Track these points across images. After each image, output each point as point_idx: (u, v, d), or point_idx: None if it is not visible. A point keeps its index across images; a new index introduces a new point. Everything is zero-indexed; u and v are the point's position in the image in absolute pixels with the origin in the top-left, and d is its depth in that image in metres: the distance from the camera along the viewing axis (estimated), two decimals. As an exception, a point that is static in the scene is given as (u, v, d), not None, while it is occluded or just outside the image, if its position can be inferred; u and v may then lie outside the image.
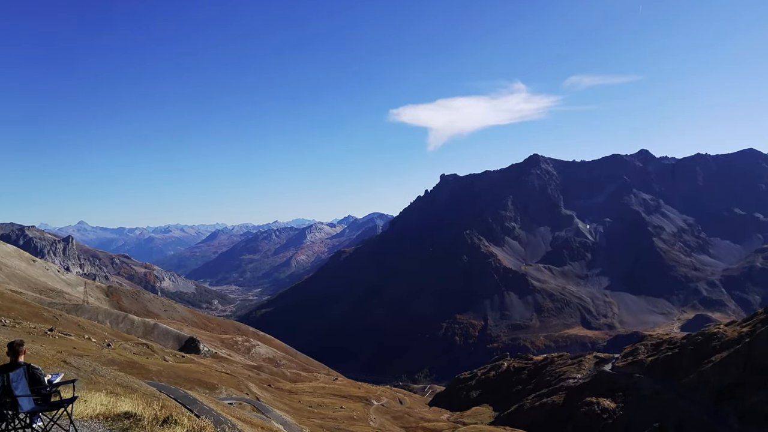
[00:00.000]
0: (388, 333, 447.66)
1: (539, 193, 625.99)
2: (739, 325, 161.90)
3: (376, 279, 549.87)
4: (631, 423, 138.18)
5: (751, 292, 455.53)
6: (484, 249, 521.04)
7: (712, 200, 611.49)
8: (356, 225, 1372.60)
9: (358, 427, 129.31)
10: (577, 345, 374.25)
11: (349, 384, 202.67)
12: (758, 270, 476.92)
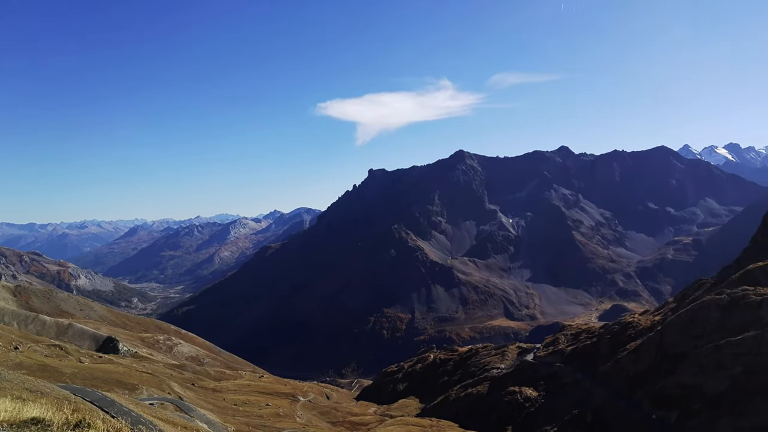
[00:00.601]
0: (316, 328, 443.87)
1: (465, 189, 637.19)
2: (651, 314, 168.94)
3: (303, 274, 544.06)
4: (553, 410, 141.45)
5: (662, 282, 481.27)
6: (411, 243, 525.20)
7: (627, 195, 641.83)
8: (282, 220, 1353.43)
9: (285, 423, 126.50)
10: (500, 336, 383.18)
11: (275, 381, 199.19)
12: (669, 261, 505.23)
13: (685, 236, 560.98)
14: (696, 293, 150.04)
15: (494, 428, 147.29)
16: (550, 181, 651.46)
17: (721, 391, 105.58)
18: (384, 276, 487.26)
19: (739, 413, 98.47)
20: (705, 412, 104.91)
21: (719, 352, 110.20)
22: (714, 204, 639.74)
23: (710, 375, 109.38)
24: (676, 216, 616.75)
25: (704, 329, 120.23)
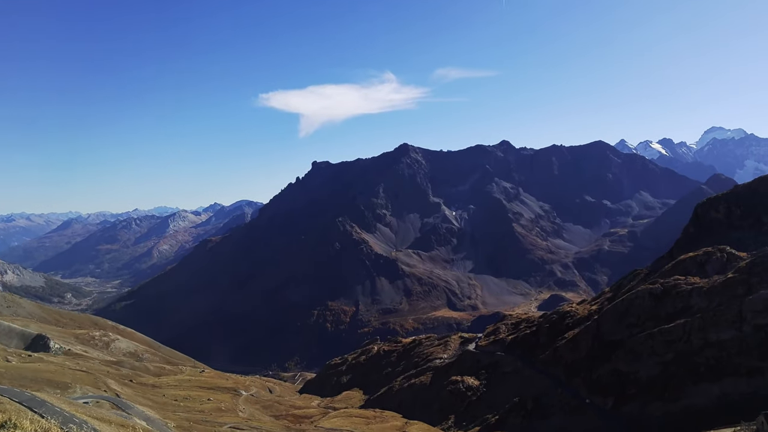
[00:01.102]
0: (258, 322, 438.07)
1: (409, 182, 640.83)
2: (588, 303, 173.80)
3: (245, 268, 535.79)
4: (494, 399, 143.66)
5: (599, 272, 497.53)
6: (356, 236, 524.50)
7: (566, 188, 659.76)
8: (223, 213, 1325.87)
9: (227, 418, 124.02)
10: (443, 326, 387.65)
11: (217, 376, 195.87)
12: (606, 252, 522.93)
13: (620, 228, 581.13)
14: (631, 283, 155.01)
15: (437, 418, 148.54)
16: (491, 175, 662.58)
17: (653, 376, 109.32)
18: (328, 269, 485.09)
19: (669, 398, 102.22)
20: (639, 397, 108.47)
21: (652, 339, 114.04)
22: (648, 197, 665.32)
23: (644, 361, 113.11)
24: (613, 208, 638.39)
25: (638, 318, 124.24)
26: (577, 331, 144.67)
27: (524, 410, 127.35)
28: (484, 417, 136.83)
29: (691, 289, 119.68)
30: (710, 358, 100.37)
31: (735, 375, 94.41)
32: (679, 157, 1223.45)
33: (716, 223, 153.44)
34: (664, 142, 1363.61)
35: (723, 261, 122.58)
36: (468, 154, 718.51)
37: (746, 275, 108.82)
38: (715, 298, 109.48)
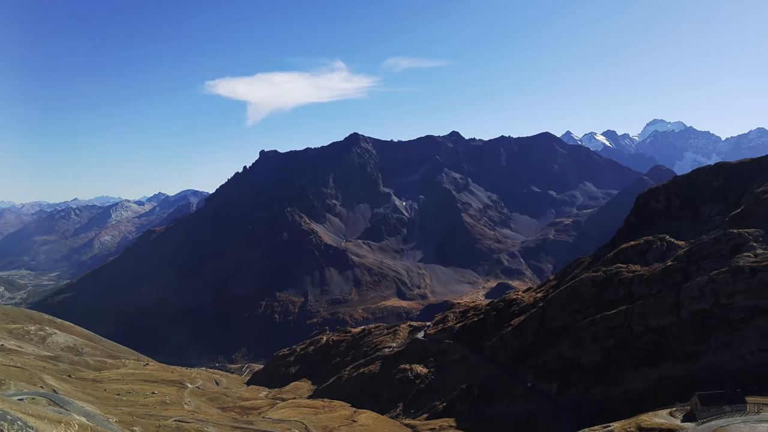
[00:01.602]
0: (204, 314, 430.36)
1: (359, 171, 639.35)
2: (534, 291, 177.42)
3: (191, 259, 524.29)
4: (442, 386, 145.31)
5: (544, 261, 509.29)
6: (305, 226, 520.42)
7: (513, 179, 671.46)
8: (168, 203, 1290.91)
9: (172, 411, 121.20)
10: (393, 315, 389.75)
11: (162, 368, 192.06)
12: (551, 241, 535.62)
13: (565, 218, 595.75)
14: (575, 271, 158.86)
15: (386, 406, 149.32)
16: (441, 165, 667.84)
17: (596, 362, 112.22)
18: (276, 260, 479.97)
19: (611, 382, 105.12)
20: (582, 382, 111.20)
21: (595, 326, 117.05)
22: (592, 187, 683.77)
23: (587, 347, 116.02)
24: (558, 199, 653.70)
25: (582, 305, 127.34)
26: (523, 318, 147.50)
27: (471, 397, 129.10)
28: (432, 404, 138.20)
29: (632, 276, 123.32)
30: (650, 343, 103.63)
31: (672, 359, 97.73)
32: (622, 148, 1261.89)
33: (656, 212, 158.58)
34: (608, 134, 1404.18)
35: (663, 249, 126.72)
36: (418, 145, 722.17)
37: (684, 263, 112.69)
38: (654, 286, 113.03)
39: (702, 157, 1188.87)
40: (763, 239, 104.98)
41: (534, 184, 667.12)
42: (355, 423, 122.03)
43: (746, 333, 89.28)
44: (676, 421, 75.28)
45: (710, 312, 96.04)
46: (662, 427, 73.19)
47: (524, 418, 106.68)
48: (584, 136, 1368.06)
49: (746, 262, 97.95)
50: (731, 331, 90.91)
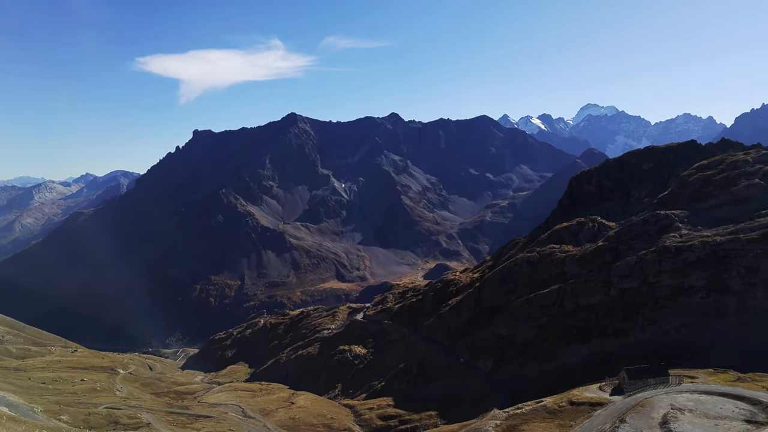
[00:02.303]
0: (137, 298, 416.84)
1: (297, 152, 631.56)
2: (471, 271, 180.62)
3: (122, 242, 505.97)
4: (381, 366, 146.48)
5: (481, 242, 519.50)
6: (241, 208, 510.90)
7: (452, 161, 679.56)
8: (96, 184, 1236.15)
9: (103, 398, 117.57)
10: (332, 298, 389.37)
11: (91, 355, 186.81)
12: (488, 223, 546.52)
13: (502, 200, 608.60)
14: (510, 252, 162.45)
15: (325, 387, 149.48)
16: (381, 147, 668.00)
17: (530, 339, 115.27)
18: (211, 242, 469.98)
19: (544, 358, 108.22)
20: (516, 359, 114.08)
21: (529, 304, 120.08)
22: (528, 170, 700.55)
23: (521, 325, 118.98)
24: (495, 181, 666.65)
25: (517, 284, 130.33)
26: (460, 298, 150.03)
27: (409, 375, 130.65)
28: (371, 384, 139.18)
29: (565, 256, 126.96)
30: (581, 320, 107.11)
31: (602, 336, 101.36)
32: (557, 132, 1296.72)
33: (589, 195, 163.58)
34: (544, 117, 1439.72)
35: (594, 230, 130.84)
36: (357, 126, 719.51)
37: (614, 243, 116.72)
38: (586, 265, 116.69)
39: (633, 140, 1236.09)
40: (688, 220, 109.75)
41: (472, 167, 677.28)
42: (293, 405, 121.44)
43: (671, 310, 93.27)
44: (605, 395, 78.17)
45: (638, 290, 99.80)
46: (592, 400, 75.83)
47: (461, 394, 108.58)
48: (521, 120, 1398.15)
49: (672, 242, 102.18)
50: (657, 309, 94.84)
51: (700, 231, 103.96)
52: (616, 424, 63.89)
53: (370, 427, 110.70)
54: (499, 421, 78.13)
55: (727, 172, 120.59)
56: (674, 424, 60.42)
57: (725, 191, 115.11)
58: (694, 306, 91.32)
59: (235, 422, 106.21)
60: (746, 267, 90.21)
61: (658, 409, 65.35)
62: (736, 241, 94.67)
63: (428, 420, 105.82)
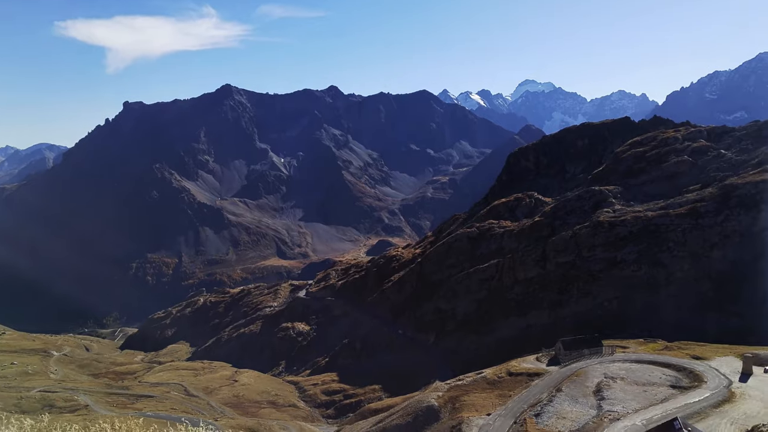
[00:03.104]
0: (69, 278, 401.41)
1: (233, 126, 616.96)
2: (413, 247, 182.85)
3: (51, 219, 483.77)
4: (325, 342, 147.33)
5: (423, 218, 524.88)
6: (176, 183, 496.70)
7: (392, 136, 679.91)
8: (18, 157, 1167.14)
9: (36, 381, 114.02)
10: (273, 275, 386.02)
11: (21, 337, 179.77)
12: (429, 199, 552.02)
13: (442, 176, 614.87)
14: (451, 227, 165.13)
15: (268, 364, 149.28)
16: (320, 121, 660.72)
17: (470, 312, 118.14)
18: (146, 219, 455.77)
19: (484, 331, 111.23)
20: (457, 332, 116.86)
21: (469, 279, 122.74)
22: (467, 146, 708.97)
23: (461, 299, 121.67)
24: (435, 157, 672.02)
25: (457, 259, 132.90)
26: (402, 273, 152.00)
27: (353, 351, 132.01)
28: (315, 360, 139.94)
29: (503, 232, 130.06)
30: (519, 294, 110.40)
31: (539, 308, 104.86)
32: (495, 108, 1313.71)
33: (526, 171, 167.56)
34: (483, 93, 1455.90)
35: (531, 206, 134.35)
36: (295, 99, 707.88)
37: (550, 219, 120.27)
38: (523, 240, 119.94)
39: (569, 117, 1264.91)
40: (622, 196, 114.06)
41: (413, 142, 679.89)
42: (236, 383, 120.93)
43: (604, 282, 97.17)
44: (542, 365, 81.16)
45: (573, 264, 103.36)
46: (530, 371, 78.61)
47: (404, 368, 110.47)
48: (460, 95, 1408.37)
49: (605, 217, 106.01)
50: (591, 281, 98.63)
51: (633, 206, 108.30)
52: (553, 393, 66.55)
53: (315, 403, 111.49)
54: (441, 393, 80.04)
55: (658, 149, 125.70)
56: (607, 392, 63.45)
57: (656, 167, 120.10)
58: (626, 279, 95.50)
59: (178, 401, 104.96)
60: (675, 241, 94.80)
61: (592, 378, 68.41)
62: (666, 216, 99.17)
63: (372, 394, 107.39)
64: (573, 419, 58.75)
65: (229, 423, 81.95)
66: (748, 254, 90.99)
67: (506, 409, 67.21)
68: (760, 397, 54.60)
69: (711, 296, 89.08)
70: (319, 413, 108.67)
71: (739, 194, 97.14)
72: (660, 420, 50.89)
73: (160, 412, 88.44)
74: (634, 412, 56.83)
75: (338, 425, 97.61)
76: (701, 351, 74.58)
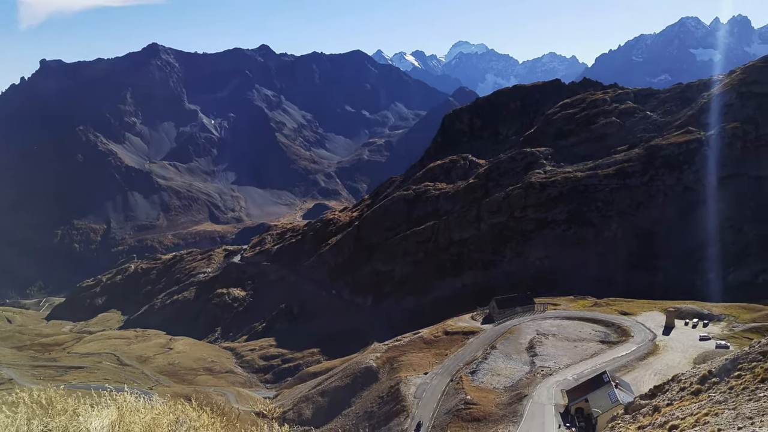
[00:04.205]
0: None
1: (161, 86, 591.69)
2: (350, 210, 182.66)
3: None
4: (261, 307, 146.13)
5: (359, 181, 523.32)
6: (102, 147, 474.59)
7: (327, 98, 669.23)
8: None
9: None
10: (207, 240, 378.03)
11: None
12: (365, 161, 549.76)
13: (378, 138, 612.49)
14: (387, 190, 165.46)
15: (203, 331, 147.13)
16: (251, 81, 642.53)
17: (407, 274, 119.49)
18: (70, 184, 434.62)
19: (420, 292, 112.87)
20: (394, 294, 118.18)
21: (406, 241, 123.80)
22: (403, 108, 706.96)
23: (399, 261, 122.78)
24: (371, 119, 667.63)
25: (394, 221, 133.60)
26: (339, 237, 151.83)
27: (291, 315, 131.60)
28: (252, 326, 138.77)
29: (439, 194, 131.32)
30: (454, 255, 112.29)
31: (474, 268, 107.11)
32: (430, 69, 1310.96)
33: (461, 133, 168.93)
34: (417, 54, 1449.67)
35: (466, 168, 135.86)
36: (226, 58, 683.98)
37: (484, 180, 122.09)
38: (458, 202, 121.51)
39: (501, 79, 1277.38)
40: (552, 157, 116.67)
41: (347, 104, 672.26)
42: (171, 350, 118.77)
43: (535, 242, 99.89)
44: (477, 324, 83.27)
45: (506, 224, 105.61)
46: (465, 330, 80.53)
47: (343, 330, 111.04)
48: (395, 56, 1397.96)
49: (537, 179, 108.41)
50: (523, 241, 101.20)
51: (563, 167, 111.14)
52: (488, 350, 68.49)
53: (253, 368, 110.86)
54: (380, 354, 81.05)
55: (587, 111, 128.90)
56: (539, 348, 65.75)
57: (586, 129, 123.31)
58: (556, 238, 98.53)
59: (110, 371, 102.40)
60: (603, 201, 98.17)
61: (525, 335, 70.72)
62: (595, 176, 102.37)
63: (311, 357, 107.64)
64: (507, 375, 60.75)
65: (164, 391, 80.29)
66: (672, 212, 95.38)
67: (443, 367, 68.81)
68: (681, 349, 57.91)
69: (637, 254, 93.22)
70: (257, 378, 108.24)
71: (664, 155, 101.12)
72: (590, 374, 53.26)
73: (92, 383, 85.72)
74: (565, 367, 59.24)
75: (277, 390, 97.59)
76: (628, 307, 78.25)
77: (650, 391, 44.30)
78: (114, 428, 7.86)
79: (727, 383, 37.21)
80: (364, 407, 65.98)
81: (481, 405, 53.97)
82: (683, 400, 37.94)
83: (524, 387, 55.78)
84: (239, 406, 78.05)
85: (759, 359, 39.12)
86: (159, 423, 8.41)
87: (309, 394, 78.65)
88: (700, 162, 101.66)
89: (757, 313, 71.11)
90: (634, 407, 43.22)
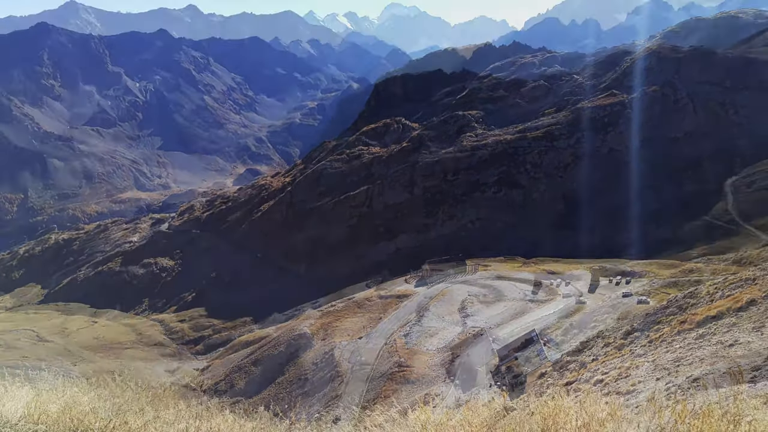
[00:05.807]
0: None
1: (81, 47, 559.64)
2: (282, 176, 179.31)
3: None
4: (191, 277, 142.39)
5: (291, 145, 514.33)
6: (17, 111, 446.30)
7: (257, 60, 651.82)
8: None
9: None
10: (132, 209, 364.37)
11: None
12: (297, 125, 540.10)
13: (310, 101, 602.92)
14: (321, 155, 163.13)
15: (130, 303, 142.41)
16: (178, 43, 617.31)
17: (341, 239, 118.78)
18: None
19: (355, 257, 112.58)
20: (329, 260, 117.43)
21: (340, 206, 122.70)
22: (335, 70, 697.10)
23: (332, 227, 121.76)
24: (303, 81, 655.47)
25: (328, 187, 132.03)
26: (272, 203, 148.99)
27: (222, 283, 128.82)
28: (181, 296, 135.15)
29: (372, 158, 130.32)
30: (388, 219, 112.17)
31: (407, 232, 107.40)
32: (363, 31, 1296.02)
33: (394, 96, 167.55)
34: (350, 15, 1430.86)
35: (399, 131, 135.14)
36: (151, 18, 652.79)
37: (417, 144, 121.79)
38: (392, 166, 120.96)
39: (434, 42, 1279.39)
40: (483, 120, 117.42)
41: (279, 66, 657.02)
42: (96, 324, 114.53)
43: (467, 205, 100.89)
44: (411, 287, 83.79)
45: (439, 188, 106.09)
46: (399, 293, 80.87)
47: (277, 298, 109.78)
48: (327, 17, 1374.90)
49: (469, 142, 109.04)
50: (455, 204, 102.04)
51: (493, 130, 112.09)
52: (422, 313, 68.99)
53: (183, 340, 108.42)
54: (314, 320, 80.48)
55: (517, 74, 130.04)
56: (471, 309, 66.69)
57: (515, 92, 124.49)
58: (487, 200, 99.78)
59: (28, 348, 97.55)
60: (532, 163, 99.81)
61: (457, 297, 71.59)
62: (524, 138, 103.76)
63: (243, 326, 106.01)
64: (440, 337, 61.41)
65: (88, 367, 77.37)
66: (598, 174, 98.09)
67: (377, 331, 68.91)
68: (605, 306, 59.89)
69: (564, 214, 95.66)
70: (188, 350, 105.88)
71: (590, 117, 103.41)
72: (520, 333, 54.35)
73: (8, 362, 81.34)
74: (496, 327, 60.36)
75: (208, 361, 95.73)
76: (556, 266, 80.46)
77: (576, 347, 45.72)
78: (29, 409, 6.93)
79: (647, 337, 38.59)
80: (298, 374, 65.44)
81: (415, 367, 54.35)
82: (607, 355, 39.26)
83: (456, 348, 56.49)
84: (167, 379, 76.08)
85: (676, 313, 40.72)
86: (79, 401, 7.65)
87: (241, 363, 77.43)
88: (624, 124, 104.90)
89: (675, 269, 74.49)
90: (561, 364, 44.57)
